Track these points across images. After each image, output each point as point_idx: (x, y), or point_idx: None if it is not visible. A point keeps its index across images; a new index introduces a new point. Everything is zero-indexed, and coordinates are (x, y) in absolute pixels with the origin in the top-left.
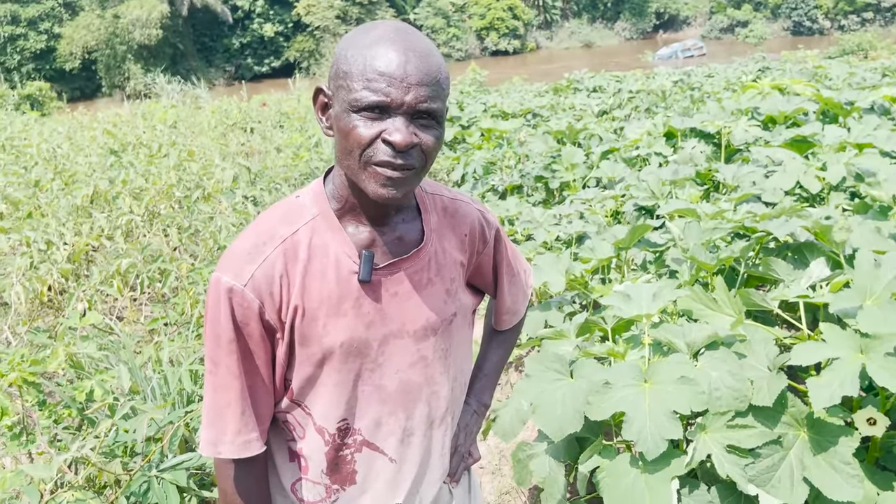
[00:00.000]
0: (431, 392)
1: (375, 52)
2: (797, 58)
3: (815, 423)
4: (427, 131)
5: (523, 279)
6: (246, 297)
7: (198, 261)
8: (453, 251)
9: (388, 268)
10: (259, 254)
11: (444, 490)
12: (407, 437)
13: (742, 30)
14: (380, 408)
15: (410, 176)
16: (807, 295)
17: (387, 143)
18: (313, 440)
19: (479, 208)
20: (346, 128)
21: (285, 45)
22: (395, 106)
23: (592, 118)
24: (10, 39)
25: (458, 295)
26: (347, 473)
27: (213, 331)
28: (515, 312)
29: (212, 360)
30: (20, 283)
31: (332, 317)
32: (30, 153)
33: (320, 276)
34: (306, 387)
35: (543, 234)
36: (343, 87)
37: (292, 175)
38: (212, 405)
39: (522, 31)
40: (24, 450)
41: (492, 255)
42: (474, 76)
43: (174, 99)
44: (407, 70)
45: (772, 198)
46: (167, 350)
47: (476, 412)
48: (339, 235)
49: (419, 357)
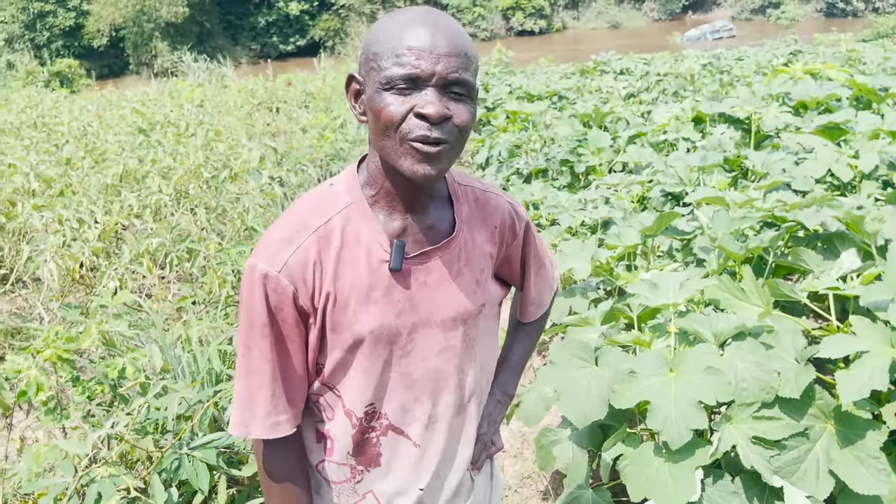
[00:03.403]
0: (458, 381)
1: (403, 30)
2: (830, 41)
3: (843, 417)
4: (459, 103)
5: (550, 272)
6: (280, 283)
7: (225, 241)
8: (483, 242)
9: (419, 257)
10: (293, 241)
11: (466, 476)
12: (432, 424)
13: (773, 11)
14: (406, 394)
15: (446, 150)
16: (837, 287)
17: (420, 116)
18: (341, 422)
19: (509, 201)
20: (378, 107)
21: (311, 24)
22: (426, 77)
23: (619, 101)
24: (40, 16)
25: (486, 286)
26: (372, 456)
27: (248, 315)
28: (541, 304)
29: (245, 344)
30: (54, 260)
31: (363, 304)
32: (61, 131)
33: (352, 263)
34: (337, 371)
35: (568, 219)
36: (374, 67)
37: (318, 156)
38: (244, 387)
39: (549, 11)
40: (57, 425)
41: (521, 248)
42: (500, 57)
43: (200, 77)
44: (436, 41)
45: (802, 186)
46: (196, 329)
47: (500, 402)
48: (372, 224)
49: (447, 346)
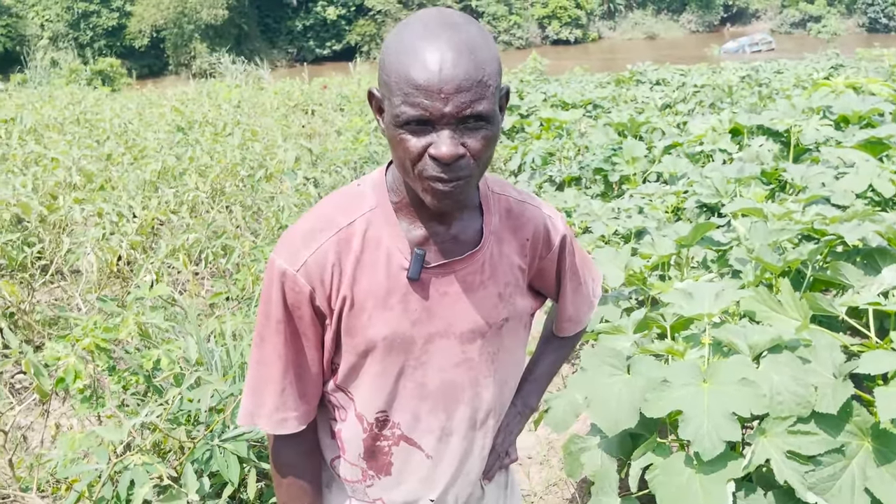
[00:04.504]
0: (475, 394)
1: (408, 61)
2: (873, 56)
3: (881, 434)
4: (476, 134)
5: (590, 289)
6: (298, 282)
7: (259, 239)
8: (512, 255)
9: (440, 268)
10: (314, 241)
11: (476, 486)
12: (446, 437)
13: (814, 25)
14: (420, 404)
15: (463, 185)
16: (878, 302)
17: (433, 157)
18: (353, 425)
19: (546, 213)
20: (395, 140)
21: (347, 29)
22: (437, 118)
23: (655, 111)
24: (84, 16)
25: (512, 299)
26: (383, 464)
27: (265, 308)
28: (578, 322)
29: (259, 334)
30: (93, 252)
31: (378, 310)
32: (102, 127)
33: (371, 268)
34: (350, 374)
35: (601, 227)
36: (386, 97)
37: (352, 158)
38: (254, 378)
39: (585, 21)
40: (93, 412)
41: (556, 262)
42: (535, 65)
43: (237, 79)
44: (442, 78)
45: (842, 200)
46: (230, 324)
47: (520, 413)
48: (394, 230)
49: (464, 358)
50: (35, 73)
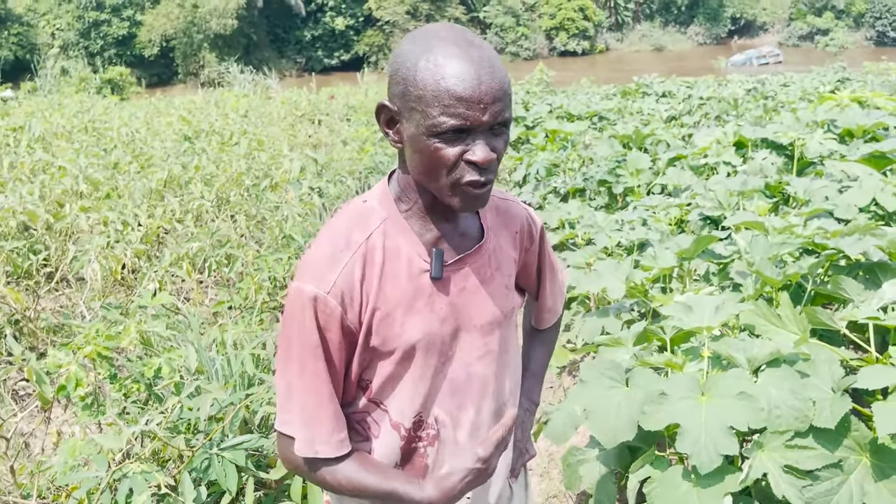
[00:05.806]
0: (497, 387)
1: (447, 75)
2: (880, 69)
3: (879, 449)
4: (500, 138)
5: (562, 279)
6: (329, 304)
7: (263, 248)
8: (507, 247)
9: (455, 264)
10: (338, 261)
11: (505, 485)
12: (475, 431)
13: (822, 38)
14: (451, 400)
15: (491, 185)
16: (878, 317)
17: (469, 162)
18: (388, 436)
19: (525, 207)
20: (427, 150)
21: (355, 39)
22: (475, 127)
23: (660, 124)
24: (95, 25)
25: (513, 290)
26: (419, 467)
27: (300, 337)
28: (556, 311)
29: (299, 363)
30: (98, 260)
31: (408, 315)
32: (110, 136)
33: (394, 277)
34: (386, 384)
35: (604, 238)
36: (417, 110)
37: (357, 168)
38: (301, 407)
39: (592, 32)
40: (94, 420)
41: (537, 254)
42: (541, 76)
43: (245, 88)
44: (482, 90)
45: (845, 214)
46: (231, 333)
47: (528, 409)
48: (409, 236)
49: (486, 350)
50: (45, 81)
